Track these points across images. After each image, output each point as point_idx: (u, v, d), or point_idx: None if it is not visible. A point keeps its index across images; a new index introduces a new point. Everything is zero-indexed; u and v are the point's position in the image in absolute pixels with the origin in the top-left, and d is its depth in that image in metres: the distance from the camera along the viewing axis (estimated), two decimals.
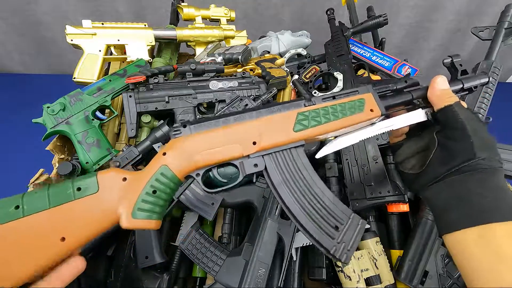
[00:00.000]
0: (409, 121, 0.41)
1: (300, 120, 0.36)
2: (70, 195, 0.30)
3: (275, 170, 0.35)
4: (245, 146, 0.35)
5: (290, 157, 0.36)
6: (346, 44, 0.78)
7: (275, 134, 0.35)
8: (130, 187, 0.31)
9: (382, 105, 0.39)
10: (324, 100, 0.38)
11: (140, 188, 0.31)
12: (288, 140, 0.36)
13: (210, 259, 0.51)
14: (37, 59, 1.53)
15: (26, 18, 1.35)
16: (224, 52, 0.75)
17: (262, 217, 0.54)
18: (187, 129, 0.35)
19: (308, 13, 1.41)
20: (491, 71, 0.60)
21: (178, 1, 0.88)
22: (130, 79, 0.61)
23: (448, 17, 1.42)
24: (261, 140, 0.35)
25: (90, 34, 0.75)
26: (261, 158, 0.35)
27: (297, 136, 0.36)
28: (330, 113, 0.37)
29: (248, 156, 0.35)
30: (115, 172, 0.32)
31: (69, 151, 0.66)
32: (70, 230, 0.29)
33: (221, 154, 0.34)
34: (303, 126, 0.36)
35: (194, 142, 0.34)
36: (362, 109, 0.38)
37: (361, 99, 0.38)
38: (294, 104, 0.38)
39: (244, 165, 0.35)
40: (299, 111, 0.37)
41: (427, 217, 0.56)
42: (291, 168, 0.36)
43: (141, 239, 0.55)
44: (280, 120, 0.36)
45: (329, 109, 0.37)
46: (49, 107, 0.61)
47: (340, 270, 0.55)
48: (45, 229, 0.28)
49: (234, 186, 0.37)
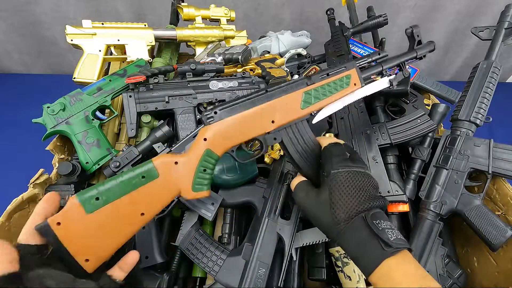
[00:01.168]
0: (377, 88, 0.51)
1: (305, 99, 0.44)
2: (138, 183, 0.37)
3: (289, 140, 0.44)
4: (266, 125, 0.42)
5: (298, 128, 0.45)
6: (346, 44, 0.78)
7: (288, 113, 0.43)
8: (184, 168, 0.40)
9: (362, 78, 0.48)
10: (321, 78, 0.46)
11: (192, 168, 0.40)
12: (298, 116, 0.44)
13: (210, 259, 0.51)
14: (37, 59, 1.53)
15: (26, 18, 1.35)
16: (224, 52, 0.75)
17: (262, 217, 0.54)
18: (218, 115, 0.41)
19: (308, 13, 1.41)
20: (491, 71, 0.60)
21: (178, 1, 0.88)
22: (130, 79, 0.61)
23: (448, 17, 1.42)
24: (278, 119, 0.43)
25: (90, 34, 0.75)
26: (278, 132, 0.44)
27: (304, 112, 0.44)
28: (327, 90, 0.46)
29: (268, 132, 0.43)
30: (165, 158, 0.39)
31: (69, 151, 0.66)
32: (146, 207, 0.37)
33: (250, 133, 0.42)
34: (307, 103, 0.44)
35: (227, 126, 0.41)
36: (349, 83, 0.47)
37: (348, 75, 0.47)
38: (299, 83, 0.45)
39: (266, 139, 0.43)
40: (304, 90, 0.44)
41: (427, 217, 0.56)
42: (297, 135, 0.45)
43: (141, 239, 0.55)
44: (290, 100, 0.43)
45: (326, 86, 0.46)
46: (49, 107, 0.61)
47: (340, 270, 0.55)
48: (127, 210, 0.36)
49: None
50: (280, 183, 0.57)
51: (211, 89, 0.68)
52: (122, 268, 0.38)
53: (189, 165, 0.40)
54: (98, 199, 0.35)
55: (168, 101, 0.65)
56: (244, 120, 0.41)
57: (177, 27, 0.83)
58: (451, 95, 0.80)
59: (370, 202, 0.36)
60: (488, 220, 0.53)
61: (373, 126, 0.65)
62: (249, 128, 0.42)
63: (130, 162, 0.58)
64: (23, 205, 0.53)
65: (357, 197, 0.36)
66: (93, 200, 0.35)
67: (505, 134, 1.37)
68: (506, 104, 1.47)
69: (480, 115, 0.59)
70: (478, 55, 0.65)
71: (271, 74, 0.73)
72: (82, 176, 0.61)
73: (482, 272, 0.59)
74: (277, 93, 0.43)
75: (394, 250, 0.32)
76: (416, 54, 0.55)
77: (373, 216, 0.35)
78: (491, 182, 0.58)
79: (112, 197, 0.36)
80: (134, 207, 0.37)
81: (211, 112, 0.41)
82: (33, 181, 0.56)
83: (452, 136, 0.60)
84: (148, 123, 0.66)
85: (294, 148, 0.45)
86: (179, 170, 0.39)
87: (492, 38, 0.64)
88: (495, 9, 1.37)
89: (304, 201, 0.41)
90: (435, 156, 0.61)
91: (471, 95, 0.60)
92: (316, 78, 0.45)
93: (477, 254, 0.61)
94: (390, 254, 0.32)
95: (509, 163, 0.55)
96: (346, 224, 0.35)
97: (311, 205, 0.40)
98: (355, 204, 0.36)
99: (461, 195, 0.56)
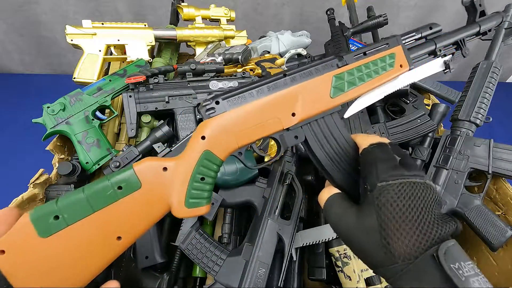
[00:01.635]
0: (429, 72, 0.40)
1: (336, 84, 0.34)
2: (113, 196, 0.28)
3: (314, 139, 0.35)
4: (285, 119, 0.33)
5: (326, 124, 0.35)
6: (346, 44, 0.78)
7: (314, 103, 0.33)
8: (175, 176, 0.30)
9: (410, 59, 0.37)
10: (356, 58, 0.36)
11: (187, 177, 0.30)
12: (327, 108, 0.34)
13: (210, 259, 0.51)
14: (37, 59, 1.53)
15: (26, 18, 1.35)
16: (224, 52, 0.75)
17: (262, 217, 0.54)
18: (221, 105, 0.32)
19: (308, 13, 1.41)
20: (491, 71, 0.60)
21: (178, 1, 0.88)
22: (130, 79, 0.61)
23: (448, 17, 1.42)
24: (301, 111, 0.33)
25: (90, 34, 0.75)
26: (300, 129, 0.34)
27: (335, 102, 0.34)
28: (364, 73, 0.35)
29: (288, 129, 0.33)
30: (150, 161, 0.30)
31: (69, 151, 0.66)
32: (124, 229, 0.28)
33: (263, 130, 0.32)
34: (339, 90, 0.34)
35: (233, 120, 0.31)
36: (393, 64, 0.36)
37: (391, 54, 0.37)
38: (327, 64, 0.35)
39: (285, 138, 0.34)
40: (334, 74, 0.34)
41: None
42: (326, 133, 0.35)
43: (141, 239, 0.55)
44: (316, 86, 0.34)
45: (363, 68, 0.35)
46: (49, 107, 0.61)
47: (340, 270, 0.55)
48: (97, 233, 0.27)
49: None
50: (280, 183, 0.57)
51: (211, 89, 0.68)
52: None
53: (182, 172, 0.30)
54: (57, 218, 0.26)
55: (168, 101, 0.65)
56: (256, 112, 0.32)
57: (177, 27, 0.83)
58: (451, 95, 0.80)
59: (440, 229, 0.25)
60: (488, 220, 0.53)
61: (373, 126, 0.64)
62: (262, 123, 0.32)
63: (130, 162, 0.58)
64: (23, 205, 0.53)
65: (420, 223, 0.25)
66: (51, 220, 0.26)
67: (505, 134, 1.37)
68: (506, 104, 1.47)
69: (480, 115, 0.59)
70: (478, 55, 0.65)
71: (271, 74, 0.73)
72: (82, 176, 0.61)
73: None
74: (300, 77, 0.33)
75: None
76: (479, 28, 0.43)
77: (448, 254, 0.23)
78: (491, 182, 0.58)
79: (76, 216, 0.27)
80: (107, 228, 0.28)
81: (212, 101, 0.32)
82: (33, 181, 0.56)
83: (452, 136, 0.60)
84: (148, 123, 0.66)
85: (321, 150, 0.35)
86: (169, 178, 0.30)
87: (492, 38, 0.64)
88: (495, 9, 1.37)
89: (340, 223, 0.30)
90: (435, 156, 0.61)
91: (471, 95, 0.60)
92: (350, 58, 0.35)
93: (477, 254, 0.61)
94: None
95: (509, 163, 0.55)
96: (407, 264, 0.25)
97: (351, 229, 0.29)
98: (418, 233, 0.25)
99: (461, 195, 0.56)
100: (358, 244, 0.29)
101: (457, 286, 0.22)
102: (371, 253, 0.27)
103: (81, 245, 0.27)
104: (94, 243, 0.27)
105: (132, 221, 0.29)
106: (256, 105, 0.32)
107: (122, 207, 0.28)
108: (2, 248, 0.25)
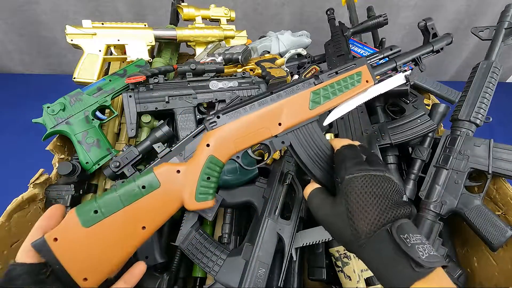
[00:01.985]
0: (393, 85, 0.48)
1: (313, 99, 0.42)
2: (138, 193, 0.35)
3: (298, 143, 0.42)
4: (273, 128, 0.41)
5: (307, 131, 0.43)
6: (346, 44, 0.78)
7: (296, 114, 0.41)
8: (186, 177, 0.38)
9: (374, 75, 0.45)
10: (330, 76, 0.43)
11: (195, 177, 0.38)
12: (307, 118, 0.42)
13: (210, 259, 0.51)
14: (37, 59, 1.53)
15: (26, 18, 1.35)
16: (224, 52, 0.75)
17: (262, 217, 0.54)
18: (221, 119, 0.39)
19: (308, 13, 1.41)
20: (491, 71, 0.60)
21: (178, 1, 0.88)
22: (130, 79, 0.61)
23: (448, 17, 1.42)
24: (286, 121, 0.41)
25: (90, 34, 0.75)
26: (286, 135, 0.42)
27: (313, 113, 0.42)
28: (336, 89, 0.43)
29: (275, 136, 0.41)
30: (167, 166, 0.38)
31: (69, 151, 0.66)
32: (147, 220, 0.36)
33: (255, 137, 0.40)
34: (316, 103, 0.42)
35: (231, 131, 0.39)
36: (360, 81, 0.44)
37: (358, 72, 0.45)
38: (306, 83, 0.42)
39: (274, 143, 0.41)
40: (311, 90, 0.42)
41: (427, 217, 0.56)
42: (307, 138, 0.43)
43: None
44: (297, 101, 0.41)
45: (335, 85, 0.43)
46: (49, 107, 0.61)
47: (340, 270, 0.55)
48: (127, 223, 0.34)
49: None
50: (280, 183, 0.57)
51: (211, 89, 0.68)
52: (128, 282, 0.36)
53: (192, 173, 0.38)
54: (96, 212, 0.33)
55: (168, 101, 0.65)
56: (249, 123, 0.40)
57: (177, 27, 0.83)
58: (451, 95, 0.80)
59: (394, 211, 0.31)
60: (488, 220, 0.53)
61: (373, 126, 0.64)
62: (254, 132, 0.40)
63: (130, 162, 0.58)
64: (23, 205, 0.53)
65: (378, 206, 0.31)
66: (92, 213, 0.33)
67: (505, 134, 1.38)
68: (506, 104, 1.47)
69: (480, 115, 0.59)
70: (478, 55, 0.65)
71: (271, 74, 0.73)
72: (82, 176, 0.61)
73: (482, 272, 0.59)
74: (284, 94, 0.41)
75: (426, 270, 0.27)
76: (433, 48, 0.54)
77: (399, 228, 0.29)
78: (491, 182, 0.58)
79: (111, 210, 0.34)
80: (134, 220, 0.35)
81: (214, 117, 0.39)
82: (33, 181, 0.56)
83: (452, 136, 0.60)
84: (148, 123, 0.66)
85: (304, 152, 0.42)
86: (182, 179, 0.38)
87: (492, 38, 0.64)
88: (495, 9, 1.37)
89: (319, 212, 0.37)
90: (435, 156, 0.61)
91: (471, 95, 0.60)
92: (324, 77, 0.43)
93: (477, 254, 0.61)
94: (421, 276, 0.27)
95: (509, 163, 0.55)
96: (368, 238, 0.31)
97: (327, 216, 0.36)
98: (376, 214, 0.31)
99: (461, 195, 0.56)
100: (333, 227, 0.35)
101: (405, 252, 0.27)
102: (343, 233, 0.33)
103: (114, 233, 0.34)
104: (124, 231, 0.34)
105: (154, 213, 0.36)
106: (249, 118, 0.40)
107: (146, 202, 0.35)
108: (56, 236, 0.32)
